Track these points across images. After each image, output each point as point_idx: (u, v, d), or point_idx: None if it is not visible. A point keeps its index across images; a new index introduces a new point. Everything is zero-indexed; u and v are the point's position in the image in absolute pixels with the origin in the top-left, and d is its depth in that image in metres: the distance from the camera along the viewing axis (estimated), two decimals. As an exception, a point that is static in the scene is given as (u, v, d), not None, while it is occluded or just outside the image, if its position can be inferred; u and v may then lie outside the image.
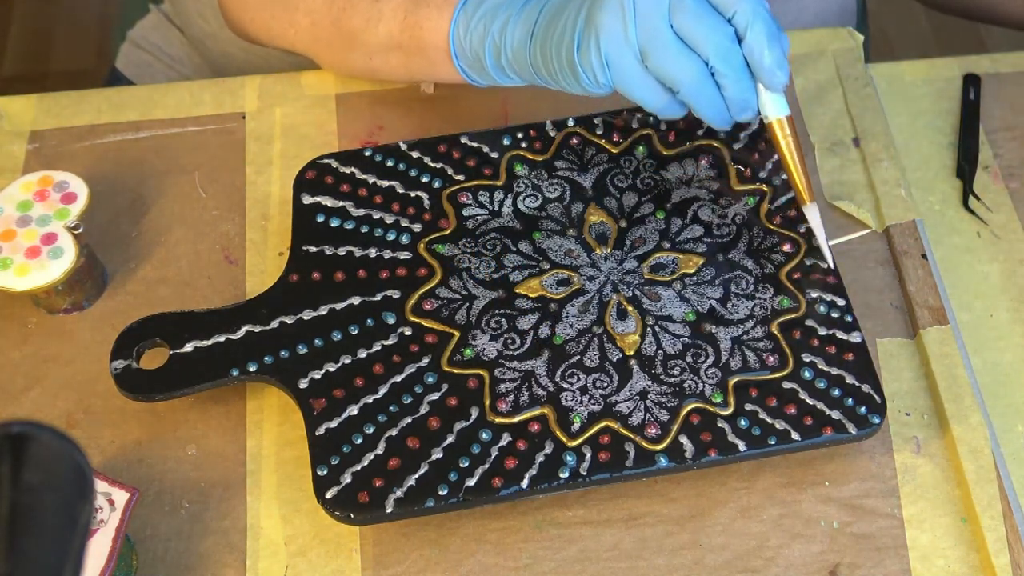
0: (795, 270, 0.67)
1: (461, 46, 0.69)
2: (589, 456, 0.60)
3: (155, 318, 0.65)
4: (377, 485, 0.59)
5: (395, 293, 0.66)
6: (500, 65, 0.67)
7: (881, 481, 0.64)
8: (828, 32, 0.83)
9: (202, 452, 0.65)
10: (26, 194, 0.69)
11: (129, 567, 0.60)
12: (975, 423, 0.65)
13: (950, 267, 0.73)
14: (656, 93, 0.62)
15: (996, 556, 0.61)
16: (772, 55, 0.60)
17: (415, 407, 0.62)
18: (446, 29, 0.69)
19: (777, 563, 0.61)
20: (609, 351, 0.64)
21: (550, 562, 0.61)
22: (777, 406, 0.62)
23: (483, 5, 0.67)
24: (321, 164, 0.71)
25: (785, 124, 0.64)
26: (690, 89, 0.61)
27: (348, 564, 0.61)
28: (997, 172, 0.77)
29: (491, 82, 0.70)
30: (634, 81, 0.62)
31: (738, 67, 0.61)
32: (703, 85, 0.61)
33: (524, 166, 0.71)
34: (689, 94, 0.61)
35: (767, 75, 0.61)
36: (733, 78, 0.61)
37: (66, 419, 0.66)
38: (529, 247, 0.68)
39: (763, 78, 0.61)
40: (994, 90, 0.81)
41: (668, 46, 0.60)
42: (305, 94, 0.80)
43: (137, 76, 0.99)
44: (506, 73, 0.68)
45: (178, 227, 0.74)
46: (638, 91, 0.62)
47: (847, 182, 0.75)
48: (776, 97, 0.63)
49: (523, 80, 0.68)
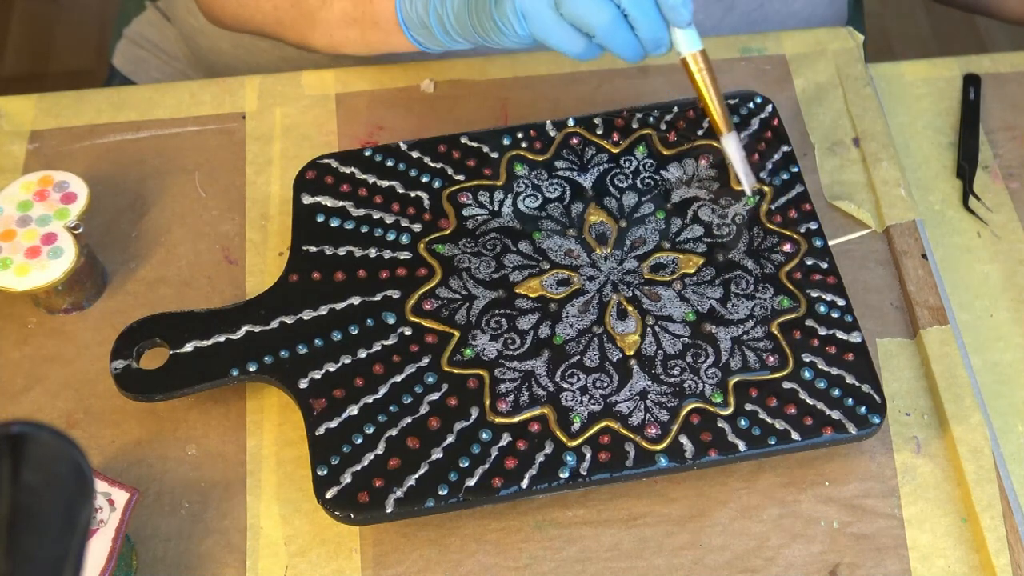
0: (795, 270, 0.67)
1: (408, 16, 0.72)
2: (589, 456, 0.60)
3: (155, 318, 0.65)
4: (377, 485, 0.59)
5: (395, 293, 0.66)
6: (445, 29, 0.70)
7: (881, 481, 0.64)
8: (828, 32, 0.83)
9: (202, 452, 0.65)
10: (26, 194, 0.69)
11: (129, 567, 0.60)
12: (975, 423, 0.65)
13: (950, 267, 0.73)
14: (573, 38, 0.65)
15: (996, 556, 0.61)
16: None
17: (415, 407, 0.62)
18: (393, 2, 0.72)
19: (777, 563, 0.61)
20: (609, 351, 0.64)
21: (550, 562, 0.61)
22: (777, 406, 0.62)
23: None
24: (321, 164, 0.71)
25: (699, 58, 0.67)
26: (605, 32, 0.64)
27: (348, 564, 0.61)
28: (997, 172, 0.77)
29: (442, 47, 0.73)
30: (550, 28, 0.65)
31: (648, 7, 0.64)
32: (617, 28, 0.64)
33: (524, 166, 0.72)
34: (604, 37, 0.64)
35: (670, 12, 0.64)
36: (644, 19, 0.64)
37: (66, 419, 0.66)
38: (529, 247, 0.68)
39: (668, 15, 0.64)
40: (994, 90, 0.81)
41: None
42: (305, 94, 0.80)
43: (133, 73, 1.00)
44: (452, 37, 0.71)
45: (178, 227, 0.74)
46: (555, 38, 0.65)
47: (847, 182, 0.75)
48: (688, 33, 0.66)
49: (469, 43, 0.71)
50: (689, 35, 0.66)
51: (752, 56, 0.82)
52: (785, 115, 0.78)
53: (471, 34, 0.69)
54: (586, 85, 0.80)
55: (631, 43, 0.65)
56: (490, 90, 0.79)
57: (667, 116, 0.73)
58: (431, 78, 0.79)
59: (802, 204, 0.70)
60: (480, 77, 0.80)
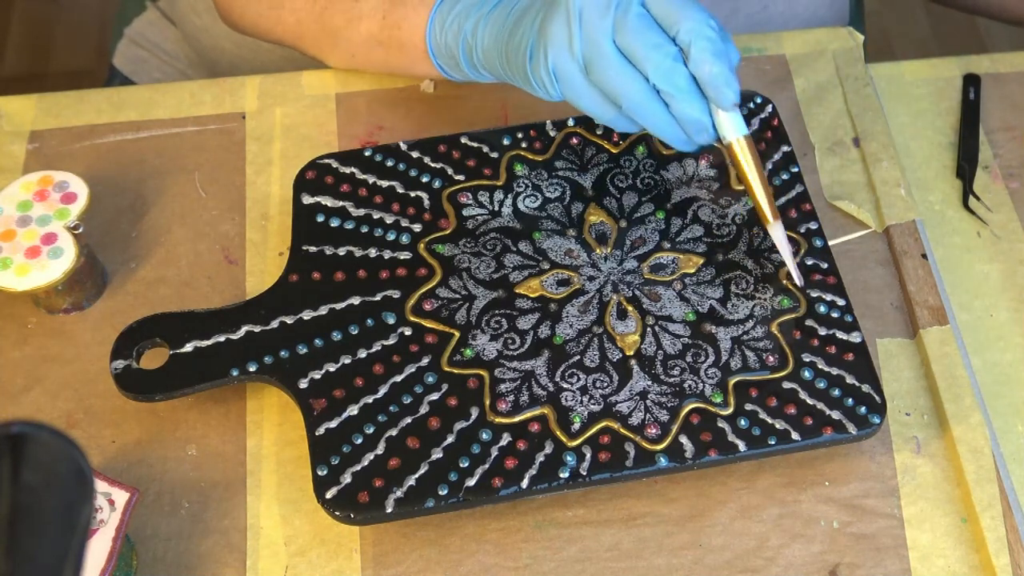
0: (795, 270, 0.67)
1: (438, 44, 0.70)
2: (589, 456, 0.60)
3: (155, 318, 0.65)
4: (377, 485, 0.59)
5: (395, 293, 0.66)
6: (473, 63, 0.69)
7: (881, 481, 0.64)
8: (828, 32, 0.83)
9: (202, 452, 0.65)
10: (26, 194, 0.69)
11: (129, 567, 0.60)
12: (975, 423, 0.65)
13: (950, 267, 0.73)
14: (603, 106, 0.62)
15: (996, 556, 0.61)
16: (716, 72, 0.59)
17: (415, 407, 0.62)
18: (423, 28, 0.70)
19: (777, 563, 0.61)
20: (609, 351, 0.64)
21: (550, 562, 0.61)
22: (777, 406, 0.62)
23: (458, 4, 0.69)
24: (321, 164, 0.71)
25: (744, 144, 0.62)
26: (633, 105, 0.60)
27: (348, 564, 0.61)
28: (997, 172, 0.77)
29: (467, 79, 0.71)
30: (581, 93, 0.62)
31: (683, 86, 0.59)
32: (647, 102, 0.60)
33: (524, 166, 0.72)
34: (632, 110, 0.61)
35: (714, 92, 0.60)
36: (679, 97, 0.59)
37: (66, 419, 0.66)
38: (529, 247, 0.68)
39: (710, 95, 0.60)
40: (994, 90, 0.81)
41: (609, 61, 0.60)
42: (305, 94, 0.80)
43: (134, 73, 1.00)
44: (478, 71, 0.69)
45: (178, 227, 0.74)
46: (585, 103, 0.62)
47: (847, 182, 0.75)
48: (732, 116, 0.61)
49: (495, 78, 0.69)
50: (735, 118, 0.61)
51: (752, 56, 0.82)
52: (785, 115, 0.78)
53: (499, 72, 0.67)
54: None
55: (667, 123, 0.61)
56: (490, 90, 0.79)
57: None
58: (431, 78, 0.79)
59: (802, 204, 0.70)
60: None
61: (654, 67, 0.59)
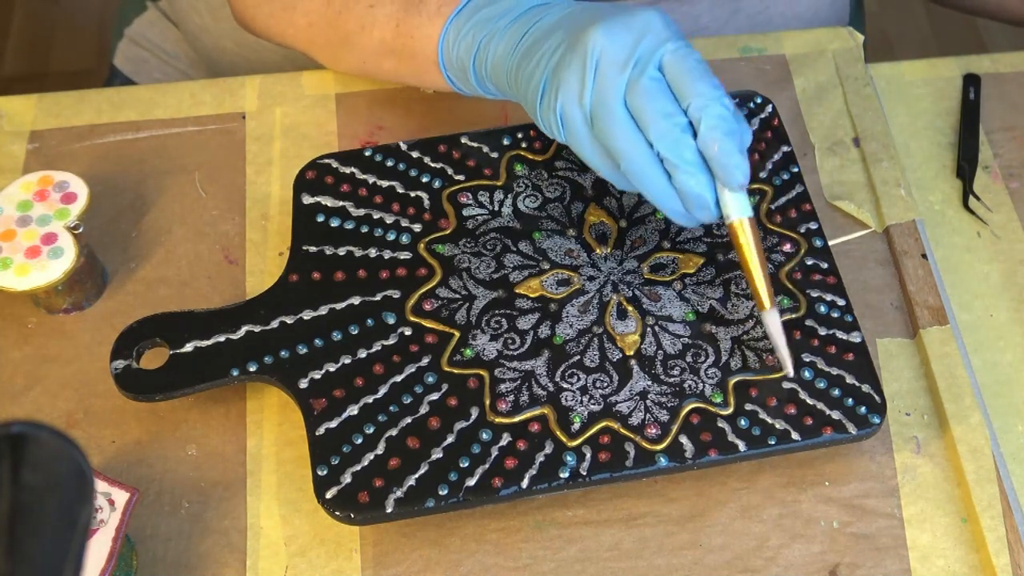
0: (795, 270, 0.67)
1: (449, 56, 0.69)
2: (589, 456, 0.60)
3: (155, 318, 0.65)
4: (377, 485, 0.59)
5: (395, 293, 0.66)
6: (481, 77, 0.67)
7: (881, 481, 0.64)
8: (828, 32, 0.83)
9: (202, 452, 0.65)
10: (26, 194, 0.69)
11: (129, 567, 0.60)
12: (975, 423, 0.65)
13: (950, 267, 0.73)
14: (603, 161, 0.61)
15: (996, 556, 0.61)
16: (725, 151, 0.57)
17: (415, 407, 0.62)
18: (436, 38, 0.69)
19: (777, 563, 0.61)
20: (609, 351, 0.64)
21: (550, 562, 0.61)
22: (777, 406, 0.62)
23: (474, 16, 0.67)
24: (321, 164, 0.71)
25: (746, 225, 0.60)
26: (632, 168, 0.59)
27: (348, 564, 0.61)
28: (997, 172, 0.77)
29: (475, 93, 0.70)
30: (583, 143, 0.61)
31: (688, 159, 0.58)
32: (647, 167, 0.59)
33: (524, 166, 0.72)
34: (630, 171, 0.59)
35: (722, 172, 0.58)
36: (683, 169, 0.58)
37: (66, 419, 0.66)
38: (529, 247, 0.68)
39: (718, 174, 0.59)
40: (994, 90, 0.81)
41: (615, 119, 0.58)
42: (305, 94, 0.80)
43: (134, 73, 1.00)
44: (486, 86, 0.68)
45: (178, 227, 0.74)
46: (587, 153, 0.61)
47: (847, 182, 0.75)
48: (737, 196, 0.60)
49: (502, 95, 0.68)
50: (739, 198, 0.60)
51: (752, 56, 0.82)
52: (785, 115, 0.78)
53: (505, 88, 0.66)
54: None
55: (667, 193, 0.59)
56: (490, 90, 0.79)
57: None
58: (438, 90, 0.79)
59: (802, 204, 0.70)
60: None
61: (659, 135, 0.58)
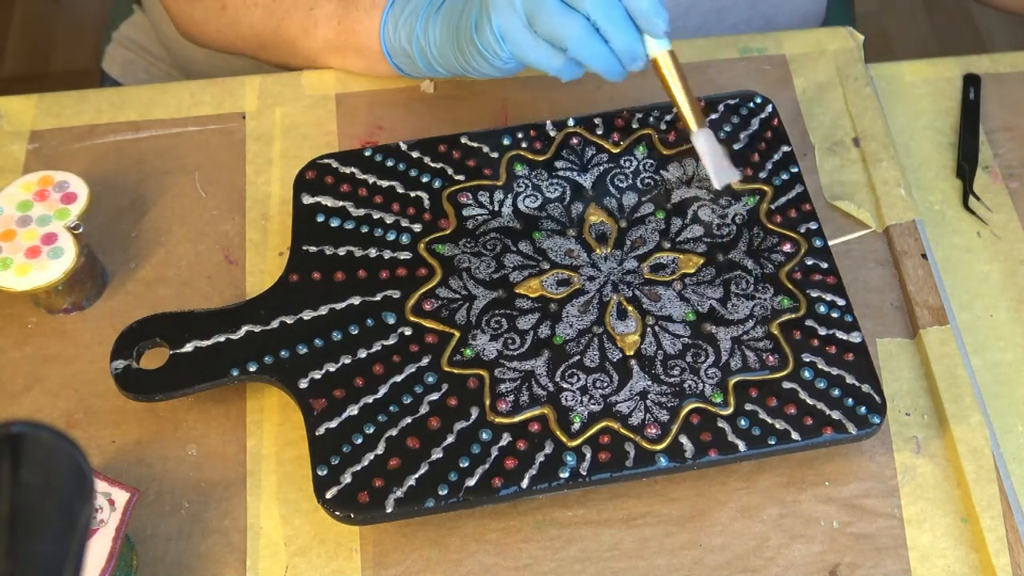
0: (795, 270, 0.67)
1: (392, 45, 0.74)
2: (589, 456, 0.60)
3: (155, 318, 0.65)
4: (377, 485, 0.59)
5: (395, 293, 0.66)
6: (428, 60, 0.72)
7: (881, 481, 0.64)
8: (828, 32, 0.83)
9: (202, 452, 0.65)
10: (26, 194, 0.69)
11: (129, 567, 0.60)
12: (975, 423, 0.65)
13: (950, 267, 0.73)
14: (550, 55, 0.65)
15: (996, 556, 0.61)
16: (648, 2, 0.63)
17: (415, 407, 0.62)
18: (377, 31, 0.74)
19: (777, 563, 0.61)
20: (609, 351, 0.64)
21: (550, 562, 0.61)
22: (777, 406, 0.62)
23: (408, 6, 0.72)
24: (321, 164, 0.71)
25: (668, 57, 0.66)
26: (577, 45, 0.64)
27: (348, 564, 0.61)
28: (997, 172, 0.77)
29: (423, 75, 0.75)
30: (527, 46, 0.65)
31: (620, 19, 0.64)
32: (589, 40, 0.64)
33: (524, 166, 0.72)
34: (577, 50, 0.64)
35: (646, 23, 0.64)
36: (616, 30, 0.64)
37: (66, 419, 0.66)
38: (529, 247, 0.68)
39: (643, 26, 0.64)
40: (994, 90, 0.81)
41: (551, 8, 0.63)
42: (305, 94, 0.80)
43: (122, 76, 1.00)
44: (433, 67, 0.72)
45: (178, 227, 0.74)
46: (533, 55, 0.66)
47: (847, 182, 0.75)
48: (660, 42, 0.66)
49: (450, 73, 0.72)
50: (661, 42, 0.66)
51: (752, 56, 0.82)
52: (785, 115, 0.78)
53: (452, 64, 0.71)
54: (586, 85, 0.80)
55: (605, 56, 0.65)
56: (490, 90, 0.79)
57: (667, 116, 0.73)
58: (431, 78, 0.79)
59: (802, 204, 0.70)
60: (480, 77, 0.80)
61: (593, 4, 0.63)
